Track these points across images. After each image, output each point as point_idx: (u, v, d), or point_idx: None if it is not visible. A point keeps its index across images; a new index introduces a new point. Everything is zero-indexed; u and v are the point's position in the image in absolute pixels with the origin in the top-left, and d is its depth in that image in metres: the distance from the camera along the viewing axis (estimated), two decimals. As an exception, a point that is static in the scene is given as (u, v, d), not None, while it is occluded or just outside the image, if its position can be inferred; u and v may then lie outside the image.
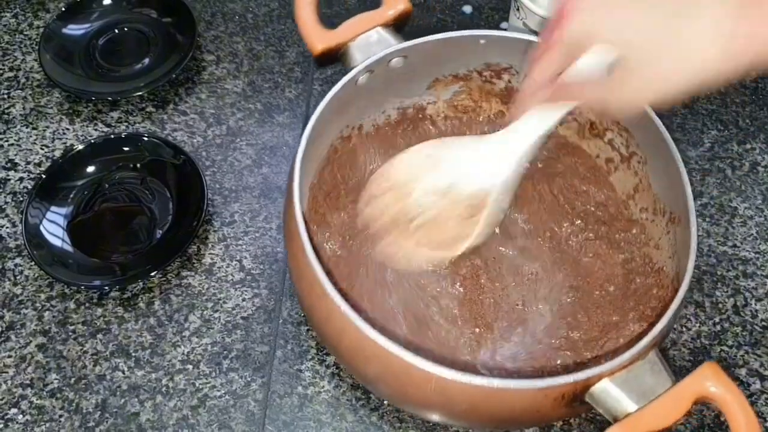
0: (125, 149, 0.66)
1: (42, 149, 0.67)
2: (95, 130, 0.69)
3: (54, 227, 0.62)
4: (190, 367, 0.57)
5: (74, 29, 0.73)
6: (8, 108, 0.70)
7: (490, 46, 0.57)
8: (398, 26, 0.56)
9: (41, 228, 0.61)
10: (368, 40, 0.54)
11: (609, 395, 0.42)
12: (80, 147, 0.65)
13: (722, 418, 0.55)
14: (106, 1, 0.75)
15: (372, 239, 0.54)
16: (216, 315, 0.59)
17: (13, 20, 0.76)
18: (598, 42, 0.41)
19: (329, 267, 0.55)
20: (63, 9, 0.74)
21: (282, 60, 0.74)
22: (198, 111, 0.70)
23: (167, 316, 0.59)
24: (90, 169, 0.65)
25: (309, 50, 0.55)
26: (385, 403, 0.55)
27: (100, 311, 0.59)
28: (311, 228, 0.46)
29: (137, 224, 0.63)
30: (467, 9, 0.78)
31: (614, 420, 0.42)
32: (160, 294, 0.60)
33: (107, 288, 0.59)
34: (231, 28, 0.76)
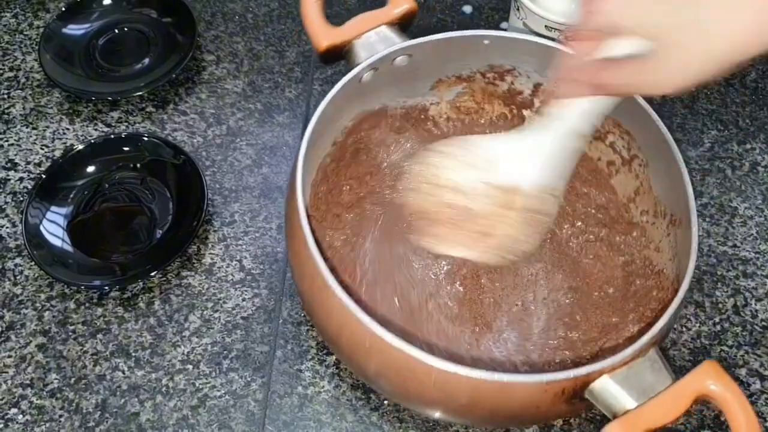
0: (125, 149, 0.66)
1: (42, 149, 0.67)
2: (95, 130, 0.69)
3: (54, 227, 0.61)
4: (190, 367, 0.57)
5: (74, 29, 0.73)
6: (8, 108, 0.70)
7: (494, 47, 0.57)
8: (403, 25, 0.56)
9: (41, 228, 0.61)
10: (373, 38, 0.55)
11: (608, 392, 0.42)
12: (80, 147, 0.65)
13: (722, 418, 0.55)
14: (106, 1, 0.75)
15: (415, 231, 0.51)
16: (216, 315, 0.59)
17: (13, 20, 0.76)
18: (625, 33, 0.40)
19: (331, 264, 0.55)
20: (63, 9, 0.74)
21: (282, 60, 0.74)
22: (198, 111, 0.70)
23: (167, 316, 0.59)
24: (90, 169, 0.65)
25: (314, 47, 0.55)
26: (386, 403, 0.55)
27: (100, 311, 0.59)
28: (312, 224, 0.46)
29: (137, 224, 0.63)
30: (467, 9, 0.78)
31: (613, 417, 0.42)
32: (160, 294, 0.60)
33: (107, 288, 0.59)
34: (231, 28, 0.76)
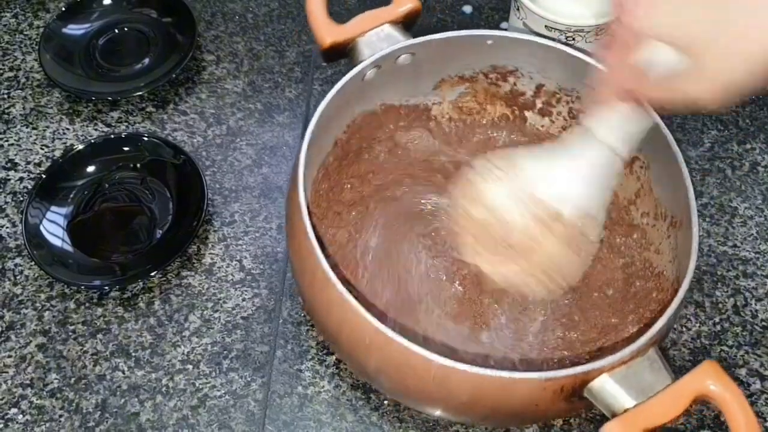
0: (125, 149, 0.66)
1: (42, 149, 0.67)
2: (95, 130, 0.69)
3: (54, 227, 0.61)
4: (190, 367, 0.57)
5: (74, 29, 0.73)
6: (8, 108, 0.70)
7: (497, 47, 0.57)
8: (407, 24, 0.56)
9: (41, 228, 0.61)
10: (377, 37, 0.55)
11: (608, 391, 0.42)
12: (80, 147, 0.65)
13: (722, 418, 0.55)
14: (106, 1, 0.75)
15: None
16: (216, 315, 0.59)
17: (13, 20, 0.76)
18: (658, 38, 0.40)
19: (332, 261, 0.55)
20: (63, 9, 0.74)
21: (282, 60, 0.74)
22: (198, 111, 0.70)
23: (167, 316, 0.59)
24: (90, 169, 0.65)
25: (317, 43, 0.55)
26: (386, 403, 0.55)
27: (100, 311, 0.59)
28: (313, 221, 0.46)
29: (137, 224, 0.63)
30: (467, 9, 0.78)
31: (612, 415, 0.42)
32: (160, 294, 0.60)
33: (107, 288, 0.59)
34: (231, 28, 0.76)
